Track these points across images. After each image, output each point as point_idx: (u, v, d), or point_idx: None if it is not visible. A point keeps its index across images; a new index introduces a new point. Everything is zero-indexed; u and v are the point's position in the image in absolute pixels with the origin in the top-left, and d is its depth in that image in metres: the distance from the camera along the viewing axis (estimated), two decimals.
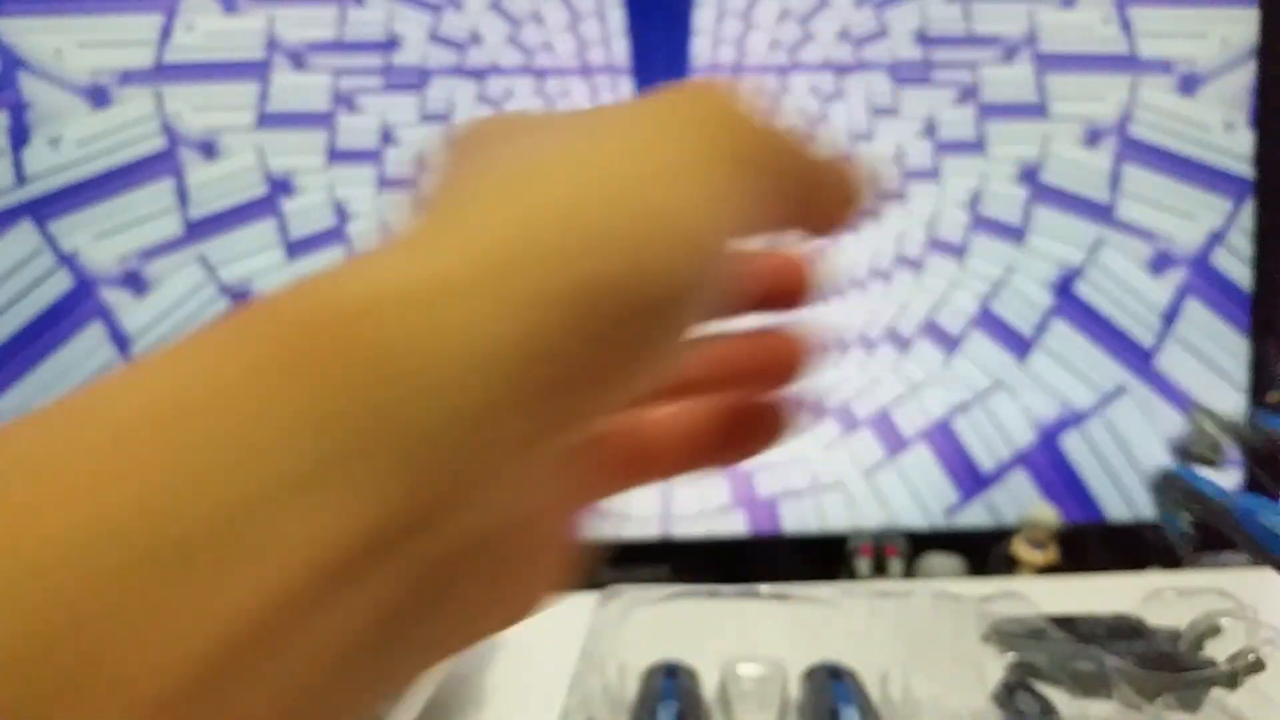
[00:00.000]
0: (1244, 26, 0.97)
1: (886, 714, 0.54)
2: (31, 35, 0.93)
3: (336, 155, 0.97)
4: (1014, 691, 0.55)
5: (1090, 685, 0.55)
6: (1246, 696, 0.53)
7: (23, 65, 0.93)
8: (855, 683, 0.56)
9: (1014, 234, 0.99)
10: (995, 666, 0.57)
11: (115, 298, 0.95)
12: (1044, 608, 0.61)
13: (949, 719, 0.54)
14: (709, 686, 0.57)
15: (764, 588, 0.60)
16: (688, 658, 0.58)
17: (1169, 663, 0.56)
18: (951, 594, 0.59)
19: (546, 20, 0.97)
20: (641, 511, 0.99)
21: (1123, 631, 0.60)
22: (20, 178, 0.94)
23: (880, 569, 0.95)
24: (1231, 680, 0.53)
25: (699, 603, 0.60)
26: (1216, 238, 0.98)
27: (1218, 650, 0.56)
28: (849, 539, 0.97)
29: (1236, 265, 0.98)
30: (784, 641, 0.58)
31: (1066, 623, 0.60)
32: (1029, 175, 0.98)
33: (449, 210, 0.18)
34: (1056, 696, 0.55)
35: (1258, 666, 0.53)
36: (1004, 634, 0.58)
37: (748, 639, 0.59)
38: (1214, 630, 0.57)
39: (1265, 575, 0.84)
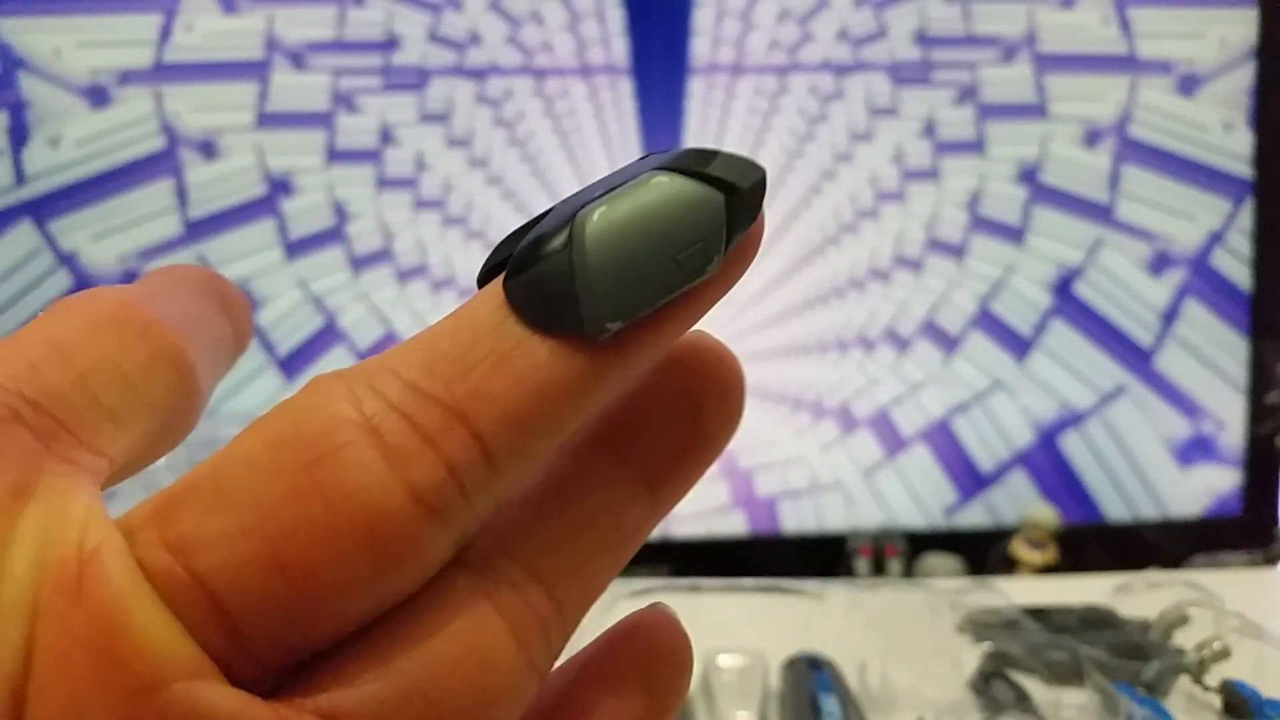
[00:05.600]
0: (1243, 27, 1.00)
1: (865, 703, 0.58)
2: (31, 35, 0.95)
3: (336, 155, 1.00)
4: (989, 680, 0.60)
5: (1063, 674, 0.60)
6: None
7: (22, 65, 0.95)
8: (834, 672, 0.60)
9: (1013, 234, 1.02)
10: (971, 656, 0.61)
11: None
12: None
13: (926, 707, 0.58)
14: (692, 677, 0.61)
15: (745, 581, 0.64)
16: None
17: (1139, 652, 0.60)
18: (927, 586, 0.63)
19: (546, 20, 1.00)
20: None
21: (1094, 622, 0.64)
22: (20, 178, 0.96)
23: (879, 569, 0.98)
24: (1199, 668, 0.58)
25: (680, 596, 0.65)
26: (1216, 238, 1.02)
27: (1186, 639, 0.60)
28: (848, 539, 1.00)
29: (1236, 266, 1.02)
30: (764, 633, 0.62)
31: (1040, 613, 0.64)
32: (1028, 175, 1.02)
33: None
34: (1031, 685, 0.60)
35: (1224, 654, 0.57)
36: (979, 625, 0.62)
37: (729, 631, 0.63)
38: (1182, 620, 0.61)
39: (1260, 574, 0.88)
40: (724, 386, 0.19)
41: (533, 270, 0.16)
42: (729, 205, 0.17)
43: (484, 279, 0.17)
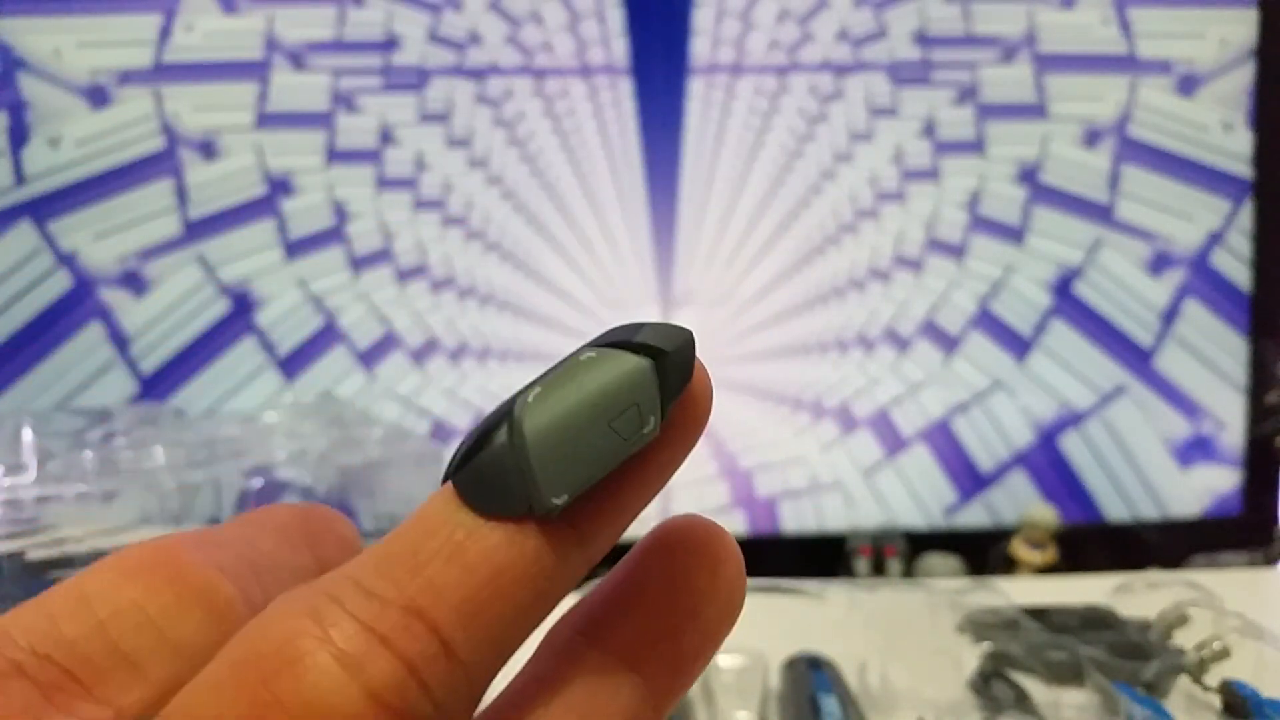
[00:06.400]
0: (1243, 27, 1.00)
1: (865, 703, 0.58)
2: (31, 35, 0.95)
3: (336, 155, 1.00)
4: (989, 680, 0.59)
5: (1063, 674, 0.60)
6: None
7: (22, 65, 0.95)
8: (834, 672, 0.60)
9: (1013, 234, 1.02)
10: (971, 656, 0.61)
11: (115, 297, 0.98)
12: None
13: (926, 707, 0.58)
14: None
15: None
16: None
17: (1139, 652, 0.60)
18: (927, 586, 0.63)
19: (546, 20, 1.00)
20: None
21: (1094, 622, 0.64)
22: (20, 178, 0.96)
23: (879, 569, 0.98)
24: (1199, 668, 0.57)
25: None
26: (1215, 238, 1.02)
27: (1186, 639, 0.60)
28: (848, 539, 1.00)
29: (1235, 265, 1.02)
30: (764, 633, 0.62)
31: (1040, 613, 0.64)
32: (1028, 175, 1.02)
33: None
34: (1031, 685, 0.59)
35: (1223, 654, 0.57)
36: (979, 625, 0.62)
37: None
38: (1182, 620, 0.61)
39: (1260, 574, 0.88)
40: (714, 562, 0.19)
41: (476, 459, 0.17)
42: (658, 368, 0.17)
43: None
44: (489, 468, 0.17)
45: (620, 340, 0.17)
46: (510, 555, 0.16)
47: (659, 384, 0.17)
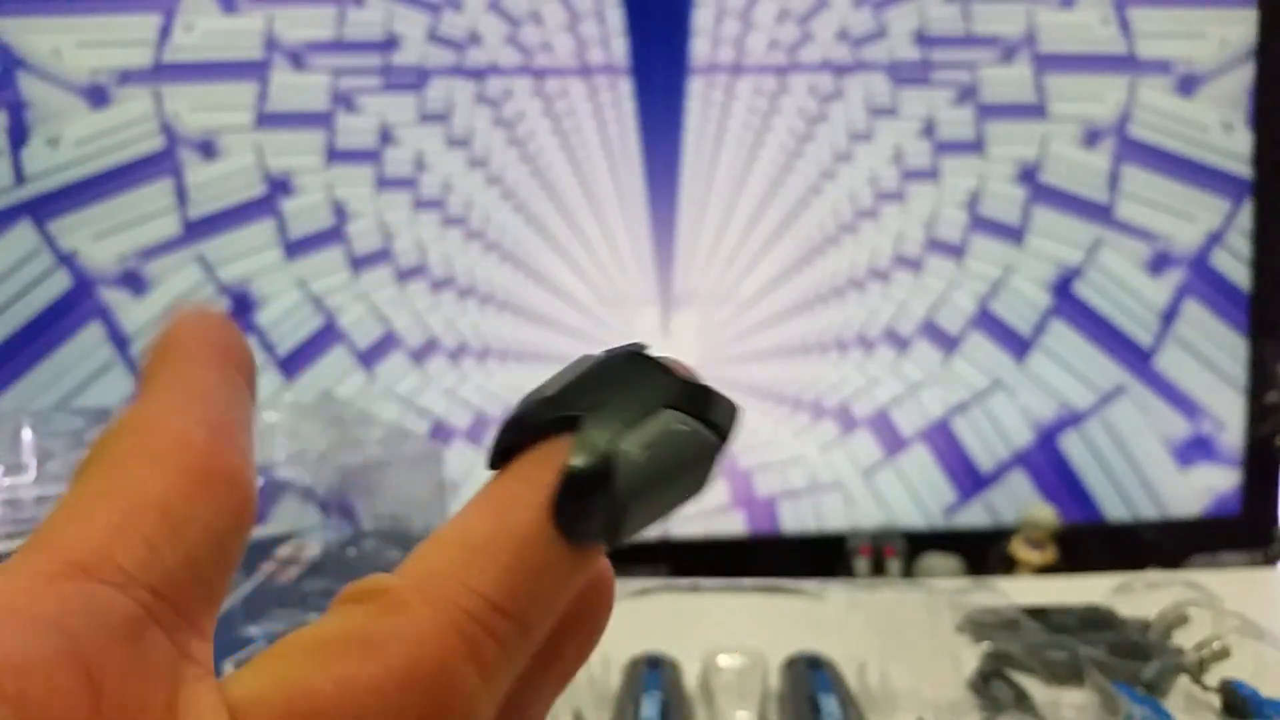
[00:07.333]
0: (1243, 27, 1.00)
1: (865, 703, 0.58)
2: (31, 35, 0.95)
3: (335, 155, 1.00)
4: (989, 680, 0.59)
5: (1063, 673, 0.59)
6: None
7: (22, 65, 0.95)
8: (834, 672, 0.60)
9: (1013, 234, 1.02)
10: (970, 656, 0.61)
11: (114, 297, 0.98)
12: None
13: (926, 707, 0.58)
14: (691, 677, 0.61)
15: (745, 581, 0.64)
16: (670, 650, 0.61)
17: (1139, 651, 0.60)
18: (927, 586, 0.63)
19: (546, 20, 1.00)
20: None
21: (1094, 622, 0.64)
22: (19, 178, 0.96)
23: (879, 569, 0.98)
24: (1199, 668, 0.57)
25: (680, 596, 0.64)
26: (1215, 238, 1.02)
27: (1186, 639, 0.60)
28: (848, 539, 1.00)
29: (1235, 265, 1.02)
30: (764, 633, 0.62)
31: (1039, 613, 0.64)
32: (1028, 175, 1.02)
33: None
34: (1030, 685, 0.59)
35: (1223, 654, 0.57)
36: (978, 624, 0.62)
37: (728, 631, 0.63)
38: (1182, 620, 0.61)
39: (1260, 574, 0.88)
40: (609, 601, 0.23)
41: (581, 502, 0.20)
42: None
43: (496, 458, 0.20)
44: (591, 512, 0.20)
45: (698, 412, 0.21)
46: (584, 573, 0.20)
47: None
